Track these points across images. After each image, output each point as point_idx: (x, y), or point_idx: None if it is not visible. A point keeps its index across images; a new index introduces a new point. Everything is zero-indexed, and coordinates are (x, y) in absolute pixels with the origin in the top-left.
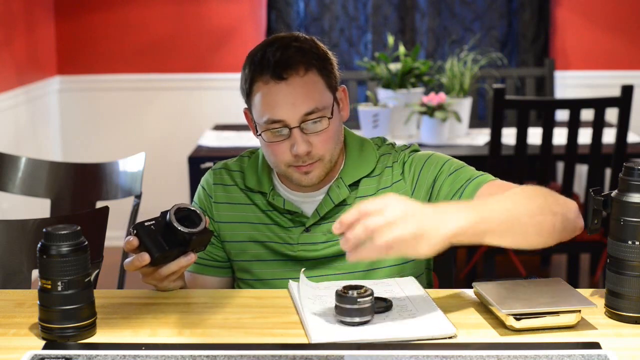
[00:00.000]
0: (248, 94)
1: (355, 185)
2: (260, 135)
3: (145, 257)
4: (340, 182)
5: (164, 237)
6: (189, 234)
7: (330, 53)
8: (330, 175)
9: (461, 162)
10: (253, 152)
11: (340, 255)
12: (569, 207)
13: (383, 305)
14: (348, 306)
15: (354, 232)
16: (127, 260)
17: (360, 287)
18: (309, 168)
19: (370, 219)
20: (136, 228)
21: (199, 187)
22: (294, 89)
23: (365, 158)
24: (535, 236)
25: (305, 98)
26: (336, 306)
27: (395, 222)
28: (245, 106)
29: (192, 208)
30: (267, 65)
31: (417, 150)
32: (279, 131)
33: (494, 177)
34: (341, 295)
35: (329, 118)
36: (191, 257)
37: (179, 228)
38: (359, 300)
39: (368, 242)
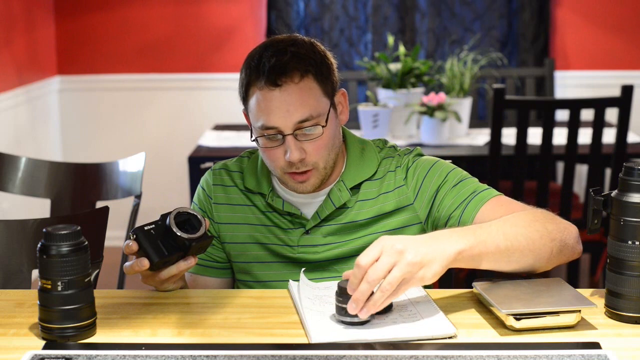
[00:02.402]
0: (244, 98)
1: (356, 188)
2: (255, 139)
3: (145, 263)
4: (342, 185)
5: (163, 242)
6: (188, 240)
7: (329, 55)
8: (331, 178)
9: (466, 172)
10: (253, 152)
11: (341, 257)
12: (569, 233)
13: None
14: (348, 306)
15: (360, 291)
16: (127, 264)
17: None
18: (303, 177)
19: (371, 272)
20: (136, 233)
21: (199, 188)
22: (289, 96)
23: (366, 161)
24: (532, 262)
25: (300, 106)
26: (336, 306)
27: (395, 262)
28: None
29: (193, 212)
30: (262, 70)
31: (420, 155)
32: (274, 136)
33: (498, 192)
34: (341, 295)
35: (323, 126)
36: (191, 261)
37: (179, 234)
38: None
39: (377, 293)
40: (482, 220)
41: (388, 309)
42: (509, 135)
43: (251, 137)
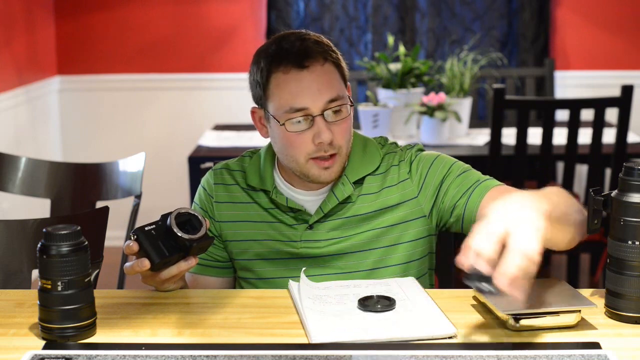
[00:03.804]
0: (264, 88)
1: (359, 182)
2: (283, 124)
3: (146, 263)
4: (345, 180)
5: (164, 243)
6: (189, 240)
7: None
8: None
9: (467, 165)
10: (254, 152)
11: (343, 253)
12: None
13: (387, 304)
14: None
15: (512, 266)
16: (127, 264)
17: None
18: (330, 162)
19: (527, 246)
20: (136, 233)
21: (200, 188)
22: (318, 76)
23: (369, 156)
24: (573, 233)
25: (328, 85)
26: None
27: (527, 228)
28: (255, 105)
29: (193, 212)
30: (286, 55)
31: (422, 150)
32: (301, 121)
33: (499, 182)
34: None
35: (351, 105)
36: (192, 262)
37: (180, 234)
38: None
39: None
40: (486, 208)
41: (389, 308)
42: (509, 135)
43: (278, 123)
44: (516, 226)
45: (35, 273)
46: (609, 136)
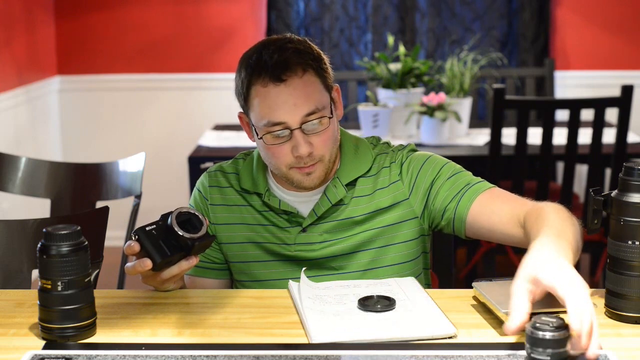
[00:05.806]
0: (245, 98)
1: (351, 184)
2: (261, 138)
3: (148, 263)
4: (337, 182)
5: (165, 242)
6: (191, 240)
7: (323, 53)
8: (327, 175)
9: (459, 166)
10: (248, 153)
11: (337, 255)
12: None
13: (387, 304)
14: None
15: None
16: (129, 264)
17: None
18: (310, 169)
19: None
20: (137, 233)
21: (195, 190)
22: (294, 90)
23: (361, 157)
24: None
25: (306, 99)
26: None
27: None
28: (241, 110)
29: (193, 212)
30: (264, 67)
31: (414, 150)
32: (280, 133)
33: (492, 185)
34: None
35: (329, 117)
36: (192, 261)
37: (181, 234)
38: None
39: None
40: (477, 212)
41: (389, 308)
42: (509, 135)
43: (257, 135)
44: (570, 287)
45: (35, 273)
46: (609, 136)
